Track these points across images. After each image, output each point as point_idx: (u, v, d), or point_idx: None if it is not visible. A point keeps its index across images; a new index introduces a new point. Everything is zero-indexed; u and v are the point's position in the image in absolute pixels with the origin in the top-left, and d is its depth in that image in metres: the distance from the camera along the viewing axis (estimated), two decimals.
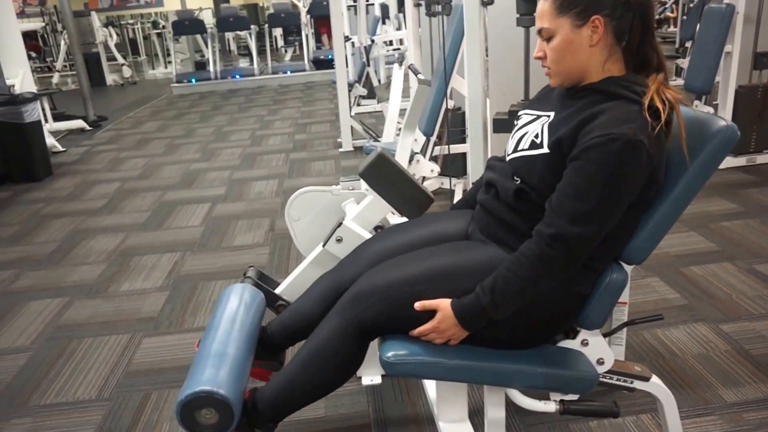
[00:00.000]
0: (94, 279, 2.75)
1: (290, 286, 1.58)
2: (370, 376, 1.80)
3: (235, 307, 1.40)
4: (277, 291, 1.57)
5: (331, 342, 1.23)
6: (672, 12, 8.88)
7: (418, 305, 1.17)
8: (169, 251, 3.01)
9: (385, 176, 1.56)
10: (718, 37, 3.30)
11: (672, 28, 9.62)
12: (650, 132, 1.08)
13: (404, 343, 1.21)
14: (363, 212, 1.57)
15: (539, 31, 1.19)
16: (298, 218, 1.65)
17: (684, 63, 5.53)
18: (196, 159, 4.91)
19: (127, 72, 10.56)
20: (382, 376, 1.79)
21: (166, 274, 2.75)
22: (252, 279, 1.55)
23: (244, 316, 1.37)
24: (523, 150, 1.22)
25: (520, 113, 1.33)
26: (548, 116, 1.22)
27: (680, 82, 5.13)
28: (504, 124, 1.78)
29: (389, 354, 1.19)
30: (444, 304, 1.17)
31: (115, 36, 10.44)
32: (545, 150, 1.16)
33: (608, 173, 1.06)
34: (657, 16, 9.55)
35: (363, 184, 1.59)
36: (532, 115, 1.27)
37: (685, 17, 6.80)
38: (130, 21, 15.40)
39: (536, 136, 1.20)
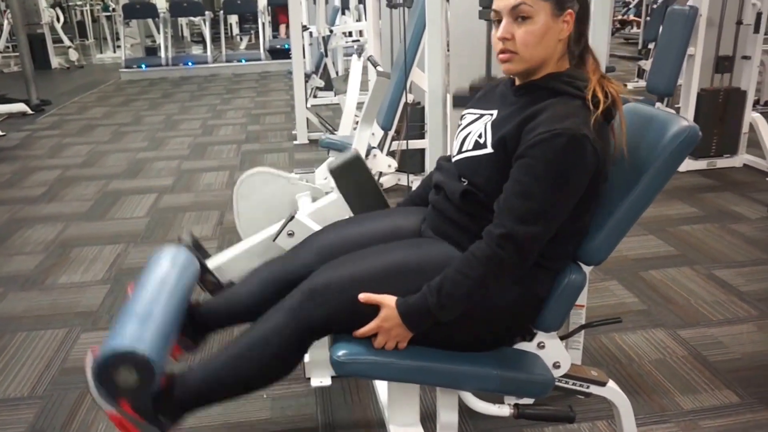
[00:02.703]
0: (30, 270, 2.63)
1: (225, 265, 1.51)
2: (320, 377, 1.75)
3: (167, 269, 1.32)
4: (209, 266, 1.50)
5: (274, 338, 1.17)
6: (636, 15, 9.15)
7: (362, 297, 1.14)
8: (112, 243, 2.89)
9: (355, 179, 1.53)
10: (681, 39, 3.37)
11: (635, 30, 9.92)
12: (593, 126, 1.08)
13: (356, 343, 1.17)
14: (321, 209, 1.53)
15: (514, 7, 1.11)
16: (247, 196, 1.59)
17: (646, 64, 5.68)
18: (144, 148, 4.73)
19: (73, 55, 10.13)
20: (332, 377, 1.74)
21: (107, 267, 2.64)
22: (188, 244, 1.48)
23: (175, 281, 1.30)
24: (467, 151, 1.20)
25: (463, 113, 1.31)
26: (491, 114, 1.21)
27: (643, 83, 5.25)
28: (463, 101, 1.76)
29: (340, 353, 1.16)
30: (388, 301, 1.13)
31: (62, 17, 10.00)
32: (489, 150, 1.15)
33: (554, 169, 1.05)
34: (620, 17, 9.85)
35: (318, 179, 1.55)
36: (475, 114, 1.26)
37: (648, 18, 6.98)
38: (79, 2, 14.79)
39: (479, 136, 1.18)
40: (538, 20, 1.11)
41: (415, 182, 3.25)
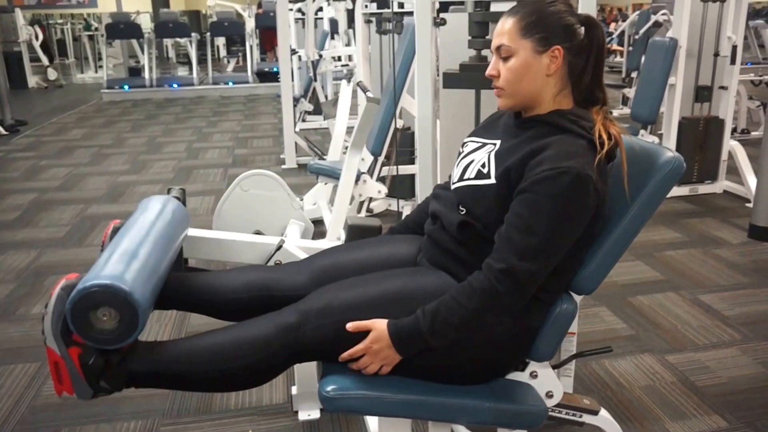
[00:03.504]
0: (1, 300, 2.56)
1: (201, 243, 1.49)
2: (308, 410, 1.74)
3: (157, 212, 1.26)
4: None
5: (261, 348, 1.15)
6: (619, 45, 9.43)
7: (350, 326, 1.13)
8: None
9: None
10: (663, 69, 3.51)
11: (618, 59, 10.22)
12: (596, 167, 1.11)
13: (346, 377, 1.16)
14: (312, 249, 1.52)
15: (497, 48, 1.19)
16: (247, 189, 1.59)
17: (630, 92, 5.86)
18: (125, 171, 4.71)
19: (52, 74, 10.11)
20: (321, 410, 1.72)
21: None
22: (179, 198, 1.44)
23: (167, 225, 1.23)
24: (469, 179, 1.22)
25: (465, 140, 1.34)
26: (494, 144, 1.23)
27: (627, 111, 5.41)
28: (453, 79, 1.78)
29: (329, 388, 1.14)
30: (379, 324, 1.13)
31: (41, 35, 10.00)
32: (492, 180, 1.17)
33: (557, 207, 1.08)
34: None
35: (307, 204, 1.55)
36: (477, 142, 1.28)
37: (630, 48, 7.22)
38: (59, 21, 14.81)
39: (483, 165, 1.20)
40: (517, 58, 1.16)
41: (406, 207, 3.33)
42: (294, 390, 1.78)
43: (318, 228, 2.78)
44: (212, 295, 1.30)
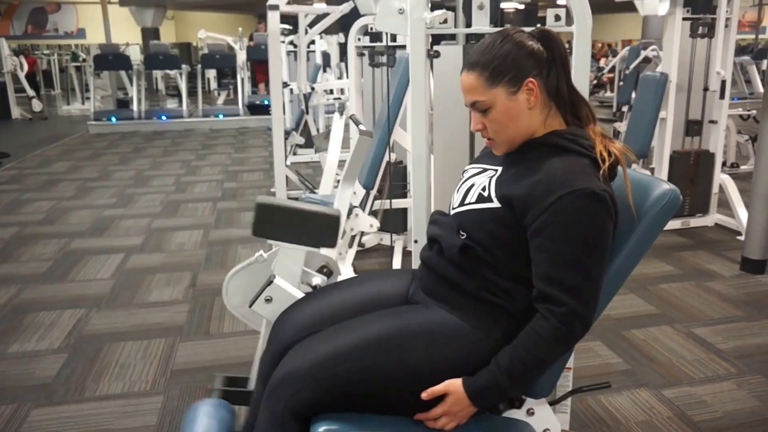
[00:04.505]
0: None
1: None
2: None
3: None
4: (251, 386, 1.51)
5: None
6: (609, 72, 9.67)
7: (425, 395, 1.14)
8: (72, 307, 2.81)
9: (277, 222, 1.51)
10: (654, 103, 3.62)
11: (609, 93, 10.47)
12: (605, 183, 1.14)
13: (337, 418, 1.15)
14: (282, 265, 1.52)
15: (473, 104, 1.20)
16: (240, 302, 1.58)
17: (621, 127, 5.99)
18: (111, 204, 4.70)
19: (37, 106, 10.15)
20: None
21: (65, 334, 2.55)
22: (218, 390, 1.48)
23: None
24: (470, 204, 1.22)
25: (466, 167, 1.36)
26: (495, 170, 1.24)
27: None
28: None
29: (320, 430, 1.12)
30: (454, 387, 1.14)
31: (26, 66, 10.08)
32: (495, 204, 1.18)
33: (587, 230, 1.09)
34: (594, 81, 10.43)
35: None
36: (478, 168, 1.29)
37: (621, 83, 7.42)
38: (46, 51, 14.96)
39: (483, 189, 1.21)
40: (496, 106, 1.18)
41: (398, 242, 3.34)
42: None
43: None
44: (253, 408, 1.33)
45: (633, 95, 5.32)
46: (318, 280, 1.54)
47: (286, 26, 6.27)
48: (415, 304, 1.29)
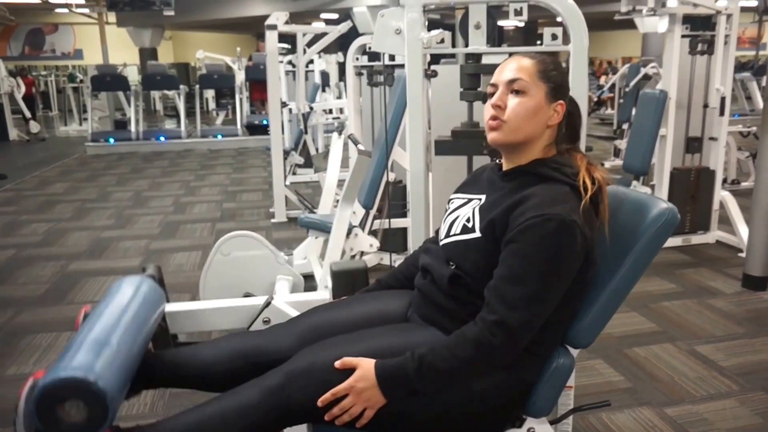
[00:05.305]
0: None
1: (179, 315, 1.49)
2: None
3: (129, 296, 1.27)
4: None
5: (249, 415, 1.15)
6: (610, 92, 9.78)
7: (338, 363, 1.15)
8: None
9: (351, 286, 1.56)
10: (654, 120, 3.67)
11: (609, 111, 10.58)
12: (581, 212, 1.16)
13: None
14: (302, 303, 1.54)
15: (511, 81, 1.23)
16: (227, 253, 1.62)
17: (621, 144, 6.05)
18: (109, 226, 4.73)
19: (34, 127, 10.23)
20: None
21: None
22: (152, 275, 1.44)
23: (139, 308, 1.24)
24: (455, 235, 1.27)
25: (451, 197, 1.40)
26: (479, 199, 1.29)
27: (619, 162, 5.59)
28: (446, 146, 1.85)
29: None
30: (365, 362, 1.15)
31: (23, 87, 10.19)
32: (477, 234, 1.22)
33: (545, 254, 1.12)
34: (595, 99, 10.57)
35: (297, 259, 1.58)
36: (463, 198, 1.34)
37: (621, 101, 7.51)
38: (43, 72, 15.10)
39: (467, 220, 1.25)
40: (532, 97, 1.23)
41: (398, 261, 3.34)
42: None
43: (309, 283, 2.81)
44: (197, 369, 1.31)
45: (633, 112, 5.38)
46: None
47: (284, 45, 6.38)
48: (412, 323, 1.32)
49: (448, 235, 1.29)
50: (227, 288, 1.65)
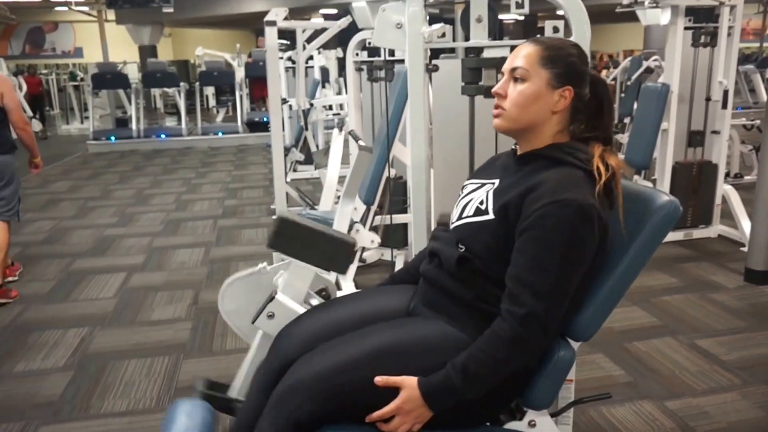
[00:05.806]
0: None
1: (243, 382, 1.55)
2: None
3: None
4: (232, 393, 1.54)
5: None
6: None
7: (379, 380, 1.16)
8: (76, 326, 2.86)
9: (295, 239, 1.55)
10: (656, 114, 3.67)
11: None
12: (596, 196, 1.17)
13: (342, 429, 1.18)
14: (289, 282, 1.55)
15: (513, 69, 1.25)
16: (235, 309, 1.62)
17: (623, 138, 6.05)
18: (112, 223, 4.77)
19: (36, 126, 10.26)
20: None
21: (70, 352, 2.60)
22: (201, 392, 1.51)
23: None
24: (467, 217, 1.27)
25: (465, 183, 1.41)
26: (493, 183, 1.29)
27: (621, 156, 5.57)
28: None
29: None
30: (409, 382, 1.15)
31: (24, 86, 10.23)
32: (491, 216, 1.22)
33: (565, 239, 1.12)
34: None
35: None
36: (476, 183, 1.35)
37: (623, 95, 7.50)
38: (44, 71, 15.13)
39: (481, 203, 1.26)
40: (531, 84, 1.23)
41: (399, 257, 3.39)
42: None
43: None
44: (248, 425, 1.30)
45: (635, 106, 5.38)
46: (316, 302, 1.58)
47: (283, 41, 6.38)
48: (414, 317, 1.33)
49: (460, 218, 1.30)
50: (246, 313, 1.65)
